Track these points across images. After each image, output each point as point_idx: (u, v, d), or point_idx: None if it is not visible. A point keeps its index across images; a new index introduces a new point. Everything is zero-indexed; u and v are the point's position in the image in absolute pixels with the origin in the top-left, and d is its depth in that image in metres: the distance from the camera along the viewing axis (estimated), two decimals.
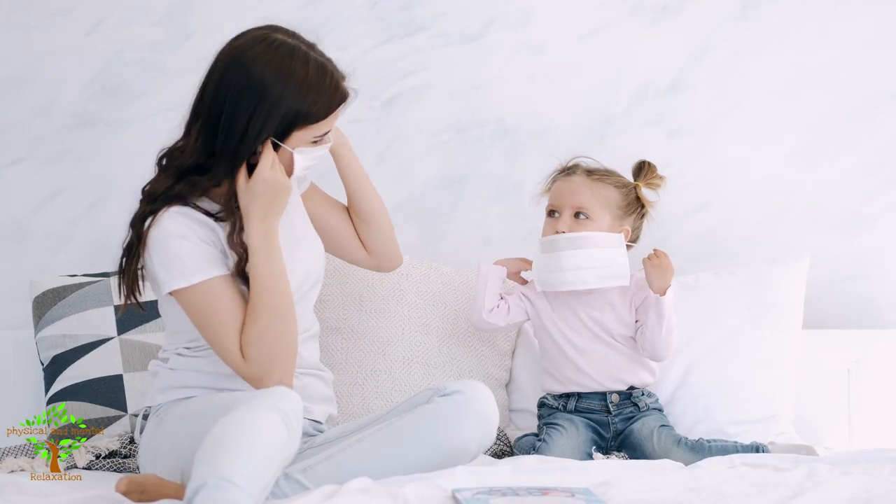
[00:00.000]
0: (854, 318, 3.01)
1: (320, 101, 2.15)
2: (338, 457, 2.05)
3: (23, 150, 3.06)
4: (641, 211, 2.61)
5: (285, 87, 2.12)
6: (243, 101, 2.12)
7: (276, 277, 2.15)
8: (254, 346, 2.11)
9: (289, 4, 3.06)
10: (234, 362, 2.13)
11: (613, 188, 2.57)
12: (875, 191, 3.03)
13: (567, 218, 2.56)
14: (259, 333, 2.12)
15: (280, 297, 2.14)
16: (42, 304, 2.74)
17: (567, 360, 2.58)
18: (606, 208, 2.56)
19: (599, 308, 2.58)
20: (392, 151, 3.09)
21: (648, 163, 2.63)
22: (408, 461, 2.05)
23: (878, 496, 1.84)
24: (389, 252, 2.50)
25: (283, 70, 2.13)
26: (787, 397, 2.73)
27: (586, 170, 2.61)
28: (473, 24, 3.08)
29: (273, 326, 2.13)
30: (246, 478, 1.73)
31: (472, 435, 2.10)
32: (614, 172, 2.62)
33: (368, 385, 2.68)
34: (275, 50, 2.15)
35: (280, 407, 1.88)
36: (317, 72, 2.15)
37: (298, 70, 2.14)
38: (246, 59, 2.14)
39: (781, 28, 3.05)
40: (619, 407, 2.56)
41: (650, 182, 2.62)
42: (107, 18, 3.08)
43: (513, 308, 2.63)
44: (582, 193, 2.56)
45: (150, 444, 2.19)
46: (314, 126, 2.17)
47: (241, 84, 2.12)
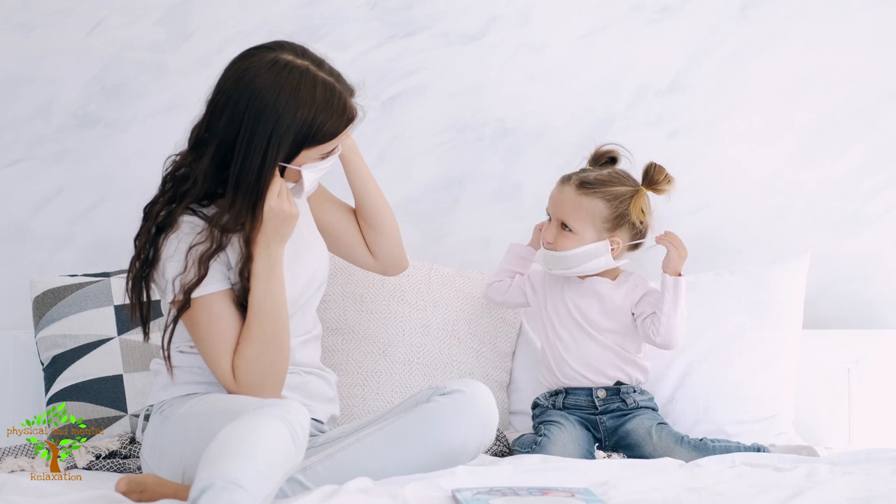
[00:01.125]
0: (854, 318, 3.01)
1: (329, 122, 2.14)
2: (337, 456, 2.05)
3: (23, 150, 3.06)
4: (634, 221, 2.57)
5: (296, 112, 2.11)
6: (259, 129, 2.10)
7: (275, 305, 2.15)
8: (246, 369, 2.13)
9: (289, 4, 3.06)
10: (224, 379, 2.15)
11: (601, 201, 2.54)
12: (875, 191, 3.03)
13: (554, 227, 2.58)
14: (252, 358, 2.13)
15: (277, 324, 2.15)
16: (42, 304, 2.74)
17: (554, 350, 2.60)
18: (590, 223, 2.55)
19: (586, 297, 2.59)
20: (392, 151, 3.09)
21: (655, 165, 2.58)
22: (407, 460, 2.05)
23: (878, 496, 1.85)
24: (396, 257, 2.49)
25: (293, 95, 2.11)
26: (787, 397, 2.74)
27: (579, 181, 2.57)
28: (473, 24, 3.08)
29: (267, 353, 2.14)
30: (252, 482, 1.73)
31: (472, 434, 2.10)
32: (614, 181, 2.57)
33: (369, 386, 2.68)
34: (287, 74, 2.12)
35: (288, 419, 1.88)
36: (325, 93, 2.14)
37: (307, 93, 2.12)
38: (258, 85, 2.11)
39: (781, 28, 3.05)
40: (605, 402, 2.56)
41: (656, 187, 2.57)
42: (107, 18, 3.08)
43: (512, 287, 2.69)
44: (566, 207, 2.56)
45: (155, 442, 2.19)
46: (323, 146, 2.17)
47: (257, 112, 2.10)
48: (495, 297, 2.71)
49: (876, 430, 2.83)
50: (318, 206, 2.43)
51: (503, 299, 2.70)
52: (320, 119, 2.13)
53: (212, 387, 2.22)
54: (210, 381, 2.21)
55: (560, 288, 2.62)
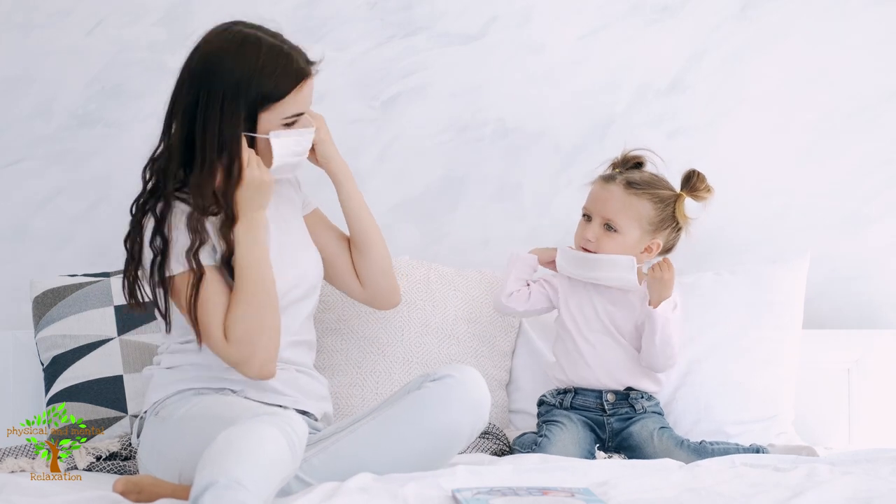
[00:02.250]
0: (854, 318, 3.01)
1: (277, 80, 2.23)
2: (332, 448, 2.06)
3: (23, 150, 3.06)
4: (678, 225, 2.58)
5: (243, 68, 2.21)
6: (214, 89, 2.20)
7: (259, 267, 2.21)
8: (236, 327, 2.17)
9: (289, 4, 3.06)
10: (216, 344, 2.18)
11: (649, 202, 2.54)
12: (875, 191, 3.03)
13: (596, 227, 2.56)
14: (241, 315, 2.17)
15: (262, 284, 2.20)
16: (42, 304, 2.74)
17: (574, 347, 2.58)
18: (637, 223, 2.54)
19: (618, 305, 2.58)
20: (392, 151, 3.09)
21: (697, 173, 2.57)
22: (402, 447, 2.06)
23: (879, 496, 1.85)
24: (384, 287, 2.53)
25: (239, 53, 2.22)
26: (787, 397, 2.73)
27: (626, 180, 2.55)
28: (473, 24, 3.08)
29: (254, 310, 2.18)
30: (254, 483, 1.74)
31: (465, 417, 2.10)
32: (658, 183, 2.57)
33: (367, 386, 2.68)
34: (234, 37, 2.25)
35: (286, 430, 1.89)
36: (270, 52, 2.24)
37: (251, 51, 2.22)
38: (209, 49, 2.24)
39: (781, 28, 3.05)
40: (614, 406, 2.56)
41: (697, 194, 2.57)
42: (107, 18, 3.08)
43: (534, 294, 2.64)
44: (614, 206, 2.54)
45: (152, 444, 2.20)
46: (277, 106, 2.24)
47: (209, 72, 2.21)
48: (517, 307, 2.63)
49: (876, 430, 2.83)
50: (314, 226, 2.48)
51: (525, 309, 2.64)
52: (266, 76, 2.22)
53: (206, 381, 2.24)
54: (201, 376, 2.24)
55: (587, 292, 2.60)
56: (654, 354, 2.53)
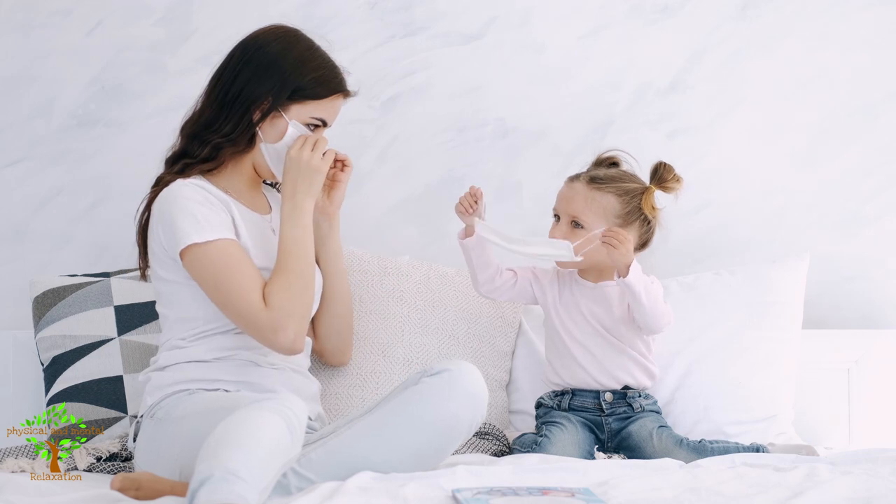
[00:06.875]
0: (854, 318, 3.01)
1: (317, 79, 2.31)
2: (331, 443, 2.07)
3: (23, 150, 3.06)
4: (647, 218, 2.57)
5: (287, 57, 2.31)
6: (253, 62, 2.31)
7: (302, 245, 2.27)
8: (278, 295, 2.22)
9: (289, 4, 3.06)
10: (252, 308, 2.21)
11: (613, 196, 2.54)
12: (875, 191, 3.03)
13: (564, 225, 2.56)
14: (285, 284, 2.23)
15: (305, 261, 2.27)
16: (42, 304, 2.74)
17: (566, 351, 2.58)
18: (602, 217, 2.54)
19: (598, 302, 2.58)
20: (392, 151, 3.09)
21: (665, 164, 2.57)
22: (400, 442, 2.06)
23: (878, 496, 1.85)
24: (338, 344, 2.58)
25: (287, 44, 2.33)
26: (787, 397, 2.73)
27: (589, 177, 2.56)
28: (473, 24, 3.09)
29: (297, 282, 2.24)
30: (251, 473, 1.74)
31: (463, 411, 2.11)
32: (623, 178, 2.57)
33: (368, 387, 2.68)
34: (284, 32, 2.36)
35: (285, 413, 1.89)
36: (319, 55, 2.34)
37: (301, 46, 2.34)
38: (258, 38, 2.35)
39: (781, 28, 3.05)
40: (612, 406, 2.56)
41: (665, 185, 2.56)
42: (107, 18, 3.08)
43: (520, 283, 2.64)
44: (577, 202, 2.55)
45: (150, 445, 2.20)
46: (309, 104, 2.31)
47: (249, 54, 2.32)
48: (500, 296, 2.65)
49: (876, 430, 2.83)
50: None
51: (510, 296, 2.65)
52: (310, 71, 2.31)
53: (202, 383, 2.25)
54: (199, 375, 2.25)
55: (571, 293, 2.60)
56: (646, 317, 2.50)
